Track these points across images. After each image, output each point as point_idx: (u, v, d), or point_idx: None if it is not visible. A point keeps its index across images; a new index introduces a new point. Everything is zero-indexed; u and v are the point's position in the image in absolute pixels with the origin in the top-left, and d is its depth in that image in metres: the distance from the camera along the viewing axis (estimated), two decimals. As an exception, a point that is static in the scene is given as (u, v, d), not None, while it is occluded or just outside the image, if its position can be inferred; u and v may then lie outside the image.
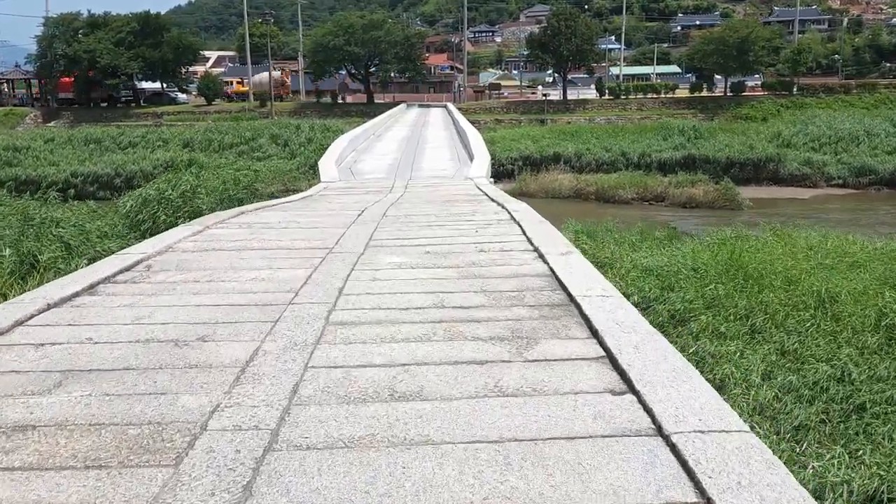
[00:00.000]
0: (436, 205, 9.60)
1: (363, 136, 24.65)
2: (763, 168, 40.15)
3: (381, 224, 7.44)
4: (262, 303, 4.37)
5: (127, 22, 61.78)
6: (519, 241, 6.19)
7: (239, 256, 5.75)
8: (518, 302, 4.28)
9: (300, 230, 7.08)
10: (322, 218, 8.04)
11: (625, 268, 14.12)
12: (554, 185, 37.79)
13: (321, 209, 9.25)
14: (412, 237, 6.52)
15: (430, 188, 13.50)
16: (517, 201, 9.24)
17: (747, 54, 54.35)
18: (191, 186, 17.07)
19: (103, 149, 46.54)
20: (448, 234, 6.58)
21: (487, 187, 12.84)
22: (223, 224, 7.44)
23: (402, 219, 7.85)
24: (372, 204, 9.96)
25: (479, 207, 8.93)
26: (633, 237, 18.68)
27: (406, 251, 5.85)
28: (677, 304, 11.85)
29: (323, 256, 5.65)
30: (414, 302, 4.31)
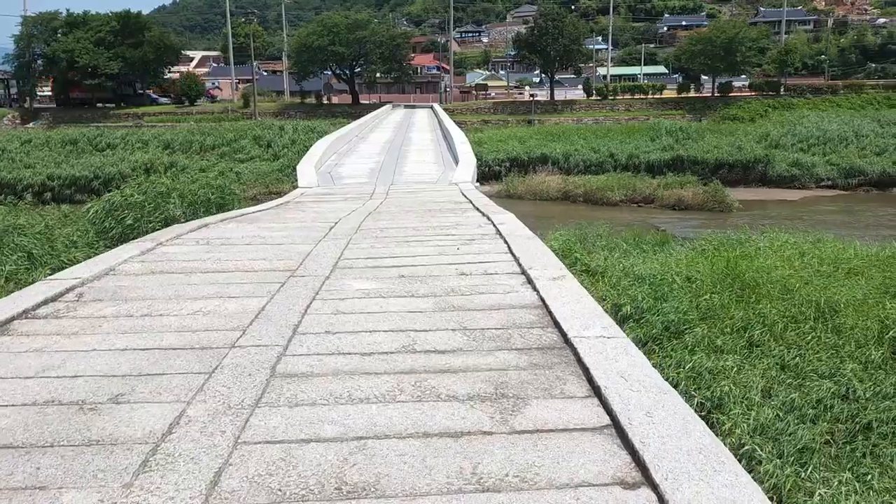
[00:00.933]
0: (416, 215, 8.92)
1: (345, 138, 23.91)
2: (752, 169, 39.80)
3: (353, 239, 6.76)
4: (200, 345, 3.68)
5: (107, 21, 60.62)
6: (505, 260, 5.53)
7: (188, 282, 5.05)
8: (503, 344, 3.62)
9: (264, 247, 6.39)
10: (291, 232, 7.34)
11: (616, 276, 13.53)
12: (541, 186, 37.22)
13: (292, 220, 8.55)
14: (386, 256, 5.85)
15: (412, 194, 12.82)
16: (503, 211, 8.58)
17: (734, 55, 54.07)
18: (164, 190, 16.32)
19: (80, 150, 45.52)
20: (426, 253, 5.92)
21: (472, 193, 12.18)
22: (178, 240, 6.73)
23: (377, 233, 7.18)
24: (348, 214, 9.27)
25: (463, 218, 8.26)
26: (625, 242, 18.15)
27: (378, 274, 5.18)
28: (671, 315, 11.26)
29: (283, 281, 4.97)
30: (380, 344, 3.65)
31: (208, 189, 17.50)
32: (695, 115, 54.01)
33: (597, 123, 52.82)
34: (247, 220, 8.57)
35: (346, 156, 20.27)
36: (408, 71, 62.92)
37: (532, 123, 53.58)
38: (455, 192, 12.71)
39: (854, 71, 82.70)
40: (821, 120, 46.25)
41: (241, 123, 51.58)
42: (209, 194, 17.26)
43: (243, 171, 40.99)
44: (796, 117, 48.31)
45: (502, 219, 7.58)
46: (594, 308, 4.05)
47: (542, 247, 5.90)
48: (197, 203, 16.72)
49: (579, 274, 14.00)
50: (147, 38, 59.92)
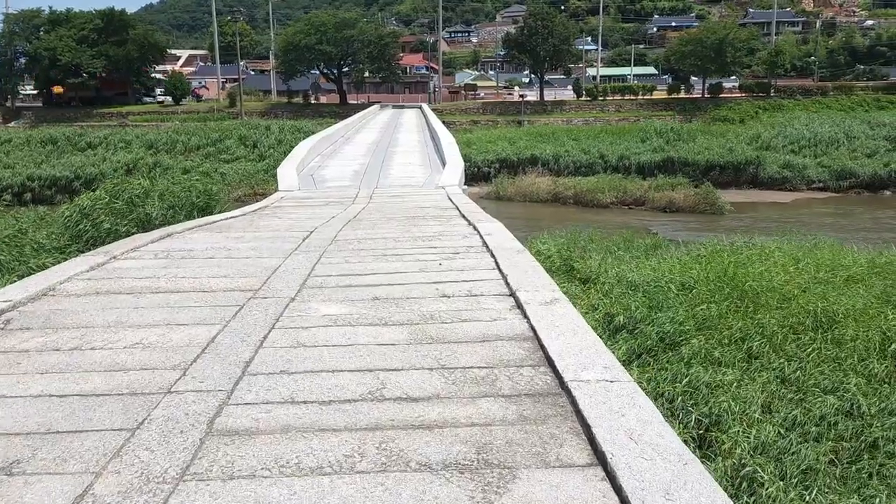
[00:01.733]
0: (398, 223, 8.36)
1: (330, 139, 23.29)
2: (743, 171, 39.50)
3: (327, 252, 6.20)
4: (130, 389, 3.12)
5: (90, 19, 59.70)
6: (492, 279, 4.99)
7: (134, 304, 4.47)
8: (488, 388, 3.07)
9: (228, 262, 5.81)
10: (261, 243, 6.77)
11: (609, 283, 13.02)
12: (531, 188, 36.73)
13: (265, 229, 7.97)
14: (361, 273, 5.29)
15: (396, 198, 12.26)
16: (491, 220, 8.03)
17: (725, 55, 53.86)
18: (141, 192, 15.68)
19: (61, 150, 44.68)
20: (405, 270, 5.36)
21: (459, 197, 11.63)
22: (136, 253, 6.14)
23: (354, 244, 6.61)
24: (326, 221, 8.70)
25: (448, 227, 7.71)
26: (617, 246, 17.65)
27: (349, 295, 4.62)
28: (667, 325, 10.82)
29: (242, 304, 4.40)
30: (343, 389, 3.09)
31: (189, 191, 16.90)
32: (685, 116, 53.75)
33: (587, 124, 52.45)
34: (216, 228, 7.98)
35: (330, 157, 19.67)
36: (396, 71, 62.33)
37: (522, 124, 53.13)
38: (441, 197, 12.16)
39: (843, 72, 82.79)
40: (811, 121, 46.05)
41: (227, 123, 50.88)
42: (191, 196, 16.65)
43: (228, 171, 40.32)
44: (787, 119, 48.11)
45: (489, 228, 7.03)
46: (593, 341, 3.51)
47: (532, 263, 5.35)
48: (176, 206, 16.11)
49: (571, 281, 13.50)
50: (131, 36, 59.05)
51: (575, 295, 12.72)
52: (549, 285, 4.59)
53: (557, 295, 4.33)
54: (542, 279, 4.76)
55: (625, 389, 2.91)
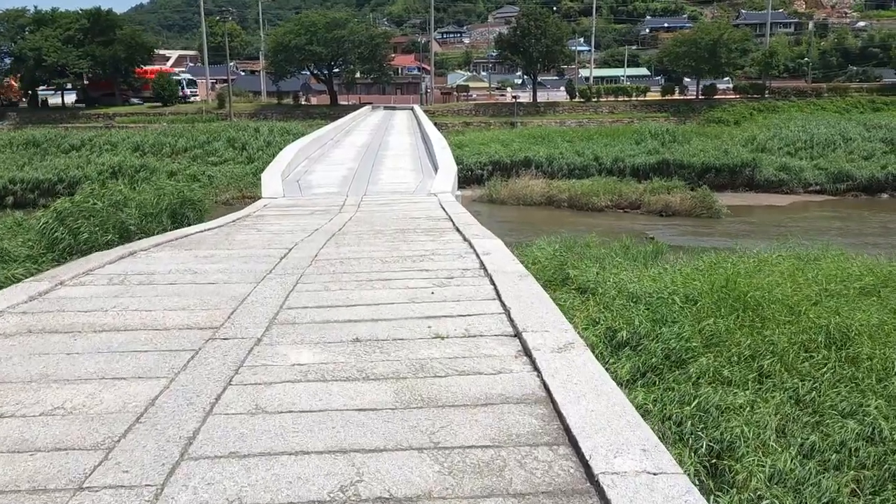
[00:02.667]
0: (386, 238, 7.65)
1: (319, 142, 22.52)
2: (739, 174, 39.02)
3: (305, 275, 5.49)
4: (31, 484, 2.39)
5: (76, 19, 58.71)
6: (492, 312, 4.29)
7: (69, 349, 3.75)
8: (495, 482, 2.36)
9: (191, 289, 5.10)
10: (233, 263, 6.05)
11: (609, 294, 12.34)
12: (525, 191, 36.11)
13: (240, 245, 7.24)
14: (341, 304, 4.58)
15: (386, 207, 11.55)
16: (488, 235, 7.33)
17: (719, 56, 53.41)
18: (119, 199, 14.93)
19: (44, 152, 43.75)
20: (393, 300, 4.66)
21: (452, 206, 10.94)
22: (88, 277, 5.41)
23: (336, 265, 5.90)
24: (309, 235, 7.98)
25: (441, 244, 7.00)
26: (615, 253, 16.99)
27: (326, 335, 3.91)
28: (672, 341, 10.21)
29: (197, 348, 3.70)
30: (307, 483, 2.36)
31: (170, 197, 16.13)
32: (679, 117, 53.28)
33: (580, 126, 51.91)
34: (186, 244, 7.24)
35: (317, 162, 18.92)
36: (388, 71, 61.58)
37: (514, 126, 52.51)
38: (433, 205, 11.46)
39: (835, 74, 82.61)
40: (807, 123, 45.62)
41: (216, 125, 50.06)
42: (171, 203, 15.88)
43: (216, 174, 39.51)
44: (782, 120, 47.66)
45: (487, 247, 6.33)
46: (623, 407, 2.81)
47: (538, 292, 4.65)
48: (155, 213, 15.35)
49: (568, 292, 12.81)
50: (118, 36, 58.09)
51: (573, 307, 12.03)
52: (560, 323, 3.89)
53: (571, 337, 3.63)
54: (552, 315, 4.06)
55: (676, 487, 2.22)
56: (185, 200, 14.89)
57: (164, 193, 14.95)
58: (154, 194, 14.92)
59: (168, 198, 14.61)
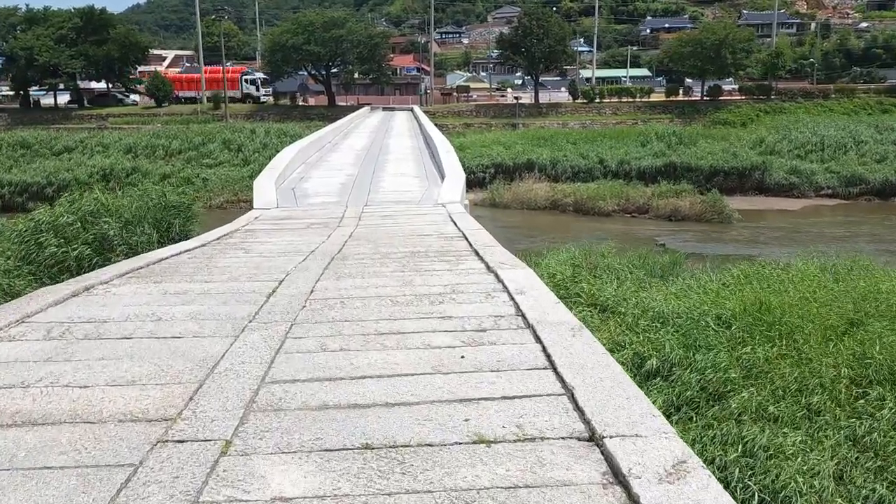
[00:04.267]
0: (395, 264, 6.51)
1: (316, 145, 21.36)
2: (748, 177, 38.09)
3: (297, 324, 4.35)
4: None
5: (69, 18, 57.59)
6: (549, 394, 3.15)
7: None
8: None
9: (149, 345, 3.96)
10: (207, 303, 4.90)
11: (632, 314, 11.23)
12: (529, 195, 35.08)
13: (220, 274, 6.09)
14: (344, 377, 3.41)
15: (390, 220, 10.43)
16: (513, 262, 6.18)
17: (725, 57, 52.39)
18: (95, 209, 13.78)
19: (35, 154, 42.60)
20: (412, 368, 3.51)
21: (464, 220, 9.81)
22: (20, 327, 4.26)
23: (336, 308, 4.74)
24: (303, 259, 6.84)
25: (460, 274, 5.86)
26: (632, 264, 15.89)
27: (324, 436, 2.74)
28: (708, 371, 9.15)
29: (137, 462, 2.54)
30: None
31: (154, 207, 14.96)
32: (684, 119, 52.33)
33: (584, 127, 50.93)
34: (156, 273, 6.09)
35: (315, 167, 17.77)
36: (387, 72, 60.46)
37: (516, 127, 51.48)
38: (442, 218, 10.35)
39: (838, 75, 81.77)
40: (816, 125, 44.63)
41: (211, 126, 49.01)
42: (154, 209, 14.71)
43: (211, 177, 38.45)
44: (790, 122, 46.69)
45: (518, 281, 5.18)
46: None
47: (602, 356, 3.52)
48: (135, 222, 14.19)
49: (587, 308, 11.68)
50: (112, 35, 56.93)
51: (594, 326, 10.90)
52: (654, 418, 2.75)
53: (679, 449, 2.49)
54: (637, 401, 2.92)
55: None
56: (169, 206, 13.71)
57: (146, 199, 13.78)
58: (134, 201, 13.73)
59: (148, 204, 13.43)
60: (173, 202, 13.92)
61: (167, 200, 13.64)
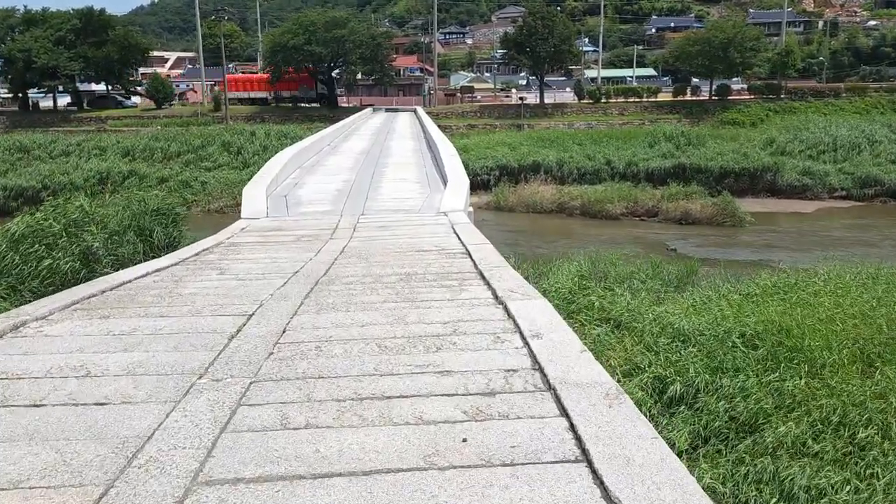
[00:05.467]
0: (387, 290, 5.61)
1: (314, 148, 20.47)
2: (760, 178, 37.09)
3: (257, 381, 3.45)
4: None
5: (67, 19, 56.87)
6: (585, 496, 2.28)
7: None
8: None
9: (60, 418, 3.07)
10: (154, 349, 3.99)
11: (649, 330, 10.30)
12: (535, 197, 34.19)
13: (182, 306, 5.20)
14: (304, 475, 2.45)
15: (387, 231, 9.54)
16: (526, 290, 5.27)
17: (734, 55, 51.36)
18: (77, 217, 12.88)
19: (32, 157, 41.83)
20: (397, 461, 2.58)
21: (468, 232, 8.92)
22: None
23: (309, 356, 3.84)
24: (284, 283, 5.95)
25: (463, 307, 4.96)
26: (645, 273, 14.99)
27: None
28: (737, 400, 8.22)
29: None
30: None
31: (136, 211, 14.09)
32: (692, 119, 51.35)
33: (590, 128, 50.00)
34: (108, 304, 5.20)
35: (311, 171, 16.89)
36: (389, 72, 59.56)
37: (521, 128, 50.59)
38: (444, 229, 9.46)
39: (847, 73, 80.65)
40: (828, 125, 43.58)
41: (211, 128, 48.27)
42: (137, 217, 13.84)
43: (209, 180, 37.66)
44: (801, 122, 45.66)
45: (533, 318, 4.28)
46: None
47: (655, 444, 2.61)
48: (120, 230, 13.32)
49: (600, 325, 10.77)
50: (111, 36, 56.18)
51: (608, 344, 10.00)
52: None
53: None
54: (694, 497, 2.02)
55: None
56: (150, 212, 12.82)
57: (131, 206, 12.91)
58: (118, 208, 12.85)
59: (134, 210, 12.55)
60: (155, 207, 13.03)
61: (146, 206, 12.74)
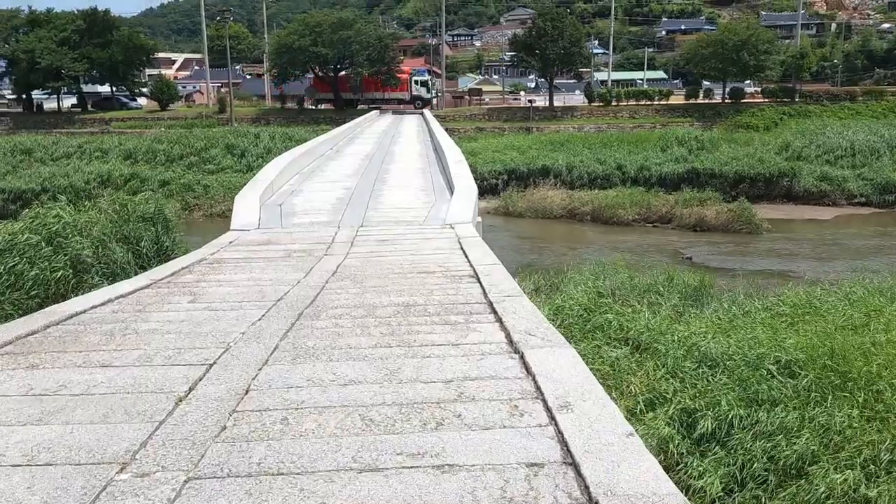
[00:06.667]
0: (380, 327, 4.73)
1: (314, 152, 19.61)
2: (776, 184, 36.07)
3: (194, 478, 2.58)
4: None
5: (72, 19, 56.35)
6: None
7: None
8: None
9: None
10: (78, 416, 3.11)
11: (673, 353, 9.35)
12: (544, 203, 33.25)
13: (133, 349, 4.31)
14: None
15: (388, 247, 8.67)
16: (547, 332, 4.35)
17: (748, 58, 50.28)
18: (66, 223, 12.06)
19: (34, 160, 41.16)
20: None
21: (476, 250, 8.04)
22: None
23: (273, 435, 2.93)
24: (260, 316, 5.07)
25: (472, 355, 4.05)
26: (661, 285, 14.05)
27: None
28: (779, 439, 7.22)
29: None
30: None
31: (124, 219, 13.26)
32: (704, 122, 50.34)
33: (600, 131, 49.04)
34: (47, 343, 4.33)
35: (309, 178, 16.02)
36: (396, 74, 58.75)
37: (530, 131, 49.69)
38: (450, 244, 8.59)
39: (860, 77, 79.48)
40: (845, 129, 42.47)
41: (215, 130, 47.56)
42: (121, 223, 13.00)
43: (212, 183, 36.86)
44: (817, 126, 44.58)
45: (559, 378, 3.38)
46: None
47: None
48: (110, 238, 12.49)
49: (615, 345, 9.87)
50: (115, 37, 55.59)
51: (627, 369, 9.06)
52: None
53: None
54: None
55: None
56: (137, 218, 11.96)
57: (116, 210, 12.06)
58: (101, 213, 12.00)
59: (113, 217, 11.69)
60: (141, 212, 12.18)
61: (130, 212, 11.88)
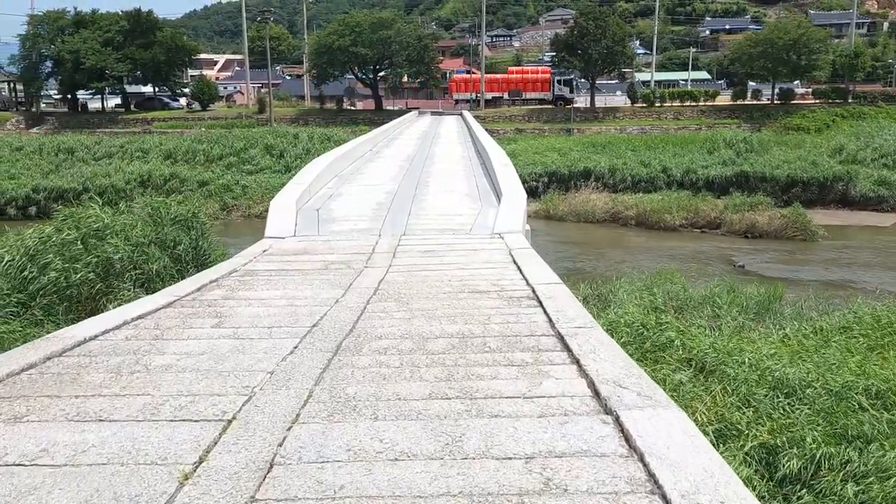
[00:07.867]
0: (433, 368, 3.99)
1: (353, 154, 19.01)
2: (830, 188, 34.50)
3: None
4: None
5: (116, 20, 57.03)
6: None
7: None
8: None
9: None
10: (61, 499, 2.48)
11: (744, 378, 8.47)
12: (586, 206, 32.27)
13: (144, 387, 3.65)
14: None
15: (433, 259, 7.97)
16: (641, 382, 3.58)
17: (800, 58, 48.45)
18: (97, 227, 11.62)
19: (76, 159, 41.51)
20: None
21: (531, 264, 7.30)
22: None
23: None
24: (292, 349, 4.40)
25: (548, 417, 3.26)
26: (721, 300, 13.09)
27: None
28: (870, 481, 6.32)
29: None
30: None
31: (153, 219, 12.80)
32: (752, 124, 48.69)
33: (643, 133, 47.80)
34: (41, 383, 3.69)
35: (349, 180, 15.40)
36: (436, 74, 58.13)
37: (571, 132, 48.62)
38: (501, 257, 7.87)
39: (916, 77, 76.24)
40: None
41: (255, 130, 47.54)
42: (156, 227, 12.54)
43: (251, 183, 36.68)
44: (873, 128, 42.64)
45: (674, 457, 2.62)
46: None
47: None
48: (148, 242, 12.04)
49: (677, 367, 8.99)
50: (158, 38, 56.05)
51: (693, 395, 8.18)
52: None
53: None
54: None
55: None
56: (168, 221, 11.42)
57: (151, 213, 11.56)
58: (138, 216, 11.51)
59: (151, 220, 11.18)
60: (174, 215, 11.67)
61: (164, 215, 11.37)
